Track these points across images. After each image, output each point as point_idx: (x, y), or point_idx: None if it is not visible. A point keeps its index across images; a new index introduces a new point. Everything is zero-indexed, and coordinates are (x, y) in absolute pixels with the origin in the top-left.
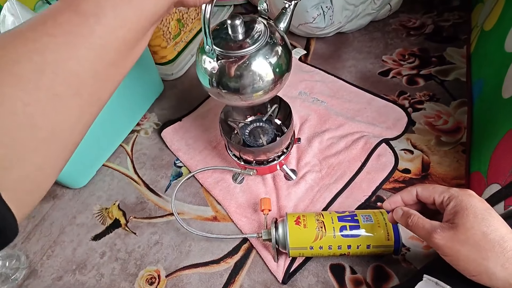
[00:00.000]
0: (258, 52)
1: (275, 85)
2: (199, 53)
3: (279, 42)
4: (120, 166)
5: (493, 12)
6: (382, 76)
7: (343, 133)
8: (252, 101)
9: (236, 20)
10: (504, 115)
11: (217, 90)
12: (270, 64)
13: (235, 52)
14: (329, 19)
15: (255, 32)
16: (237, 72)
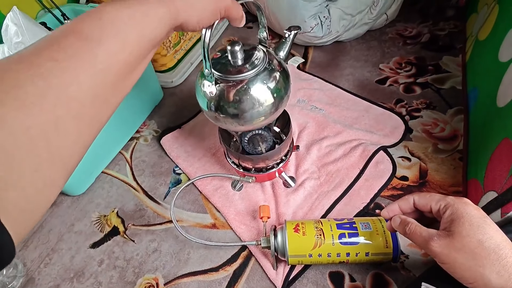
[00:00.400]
0: (257, 77)
1: (272, 111)
2: (200, 77)
3: (278, 69)
4: (119, 173)
5: (487, 23)
6: (379, 84)
7: (341, 141)
8: (250, 126)
9: (235, 46)
10: (499, 124)
11: (215, 114)
12: (269, 89)
13: (234, 77)
14: (326, 28)
15: (254, 58)
16: (236, 97)
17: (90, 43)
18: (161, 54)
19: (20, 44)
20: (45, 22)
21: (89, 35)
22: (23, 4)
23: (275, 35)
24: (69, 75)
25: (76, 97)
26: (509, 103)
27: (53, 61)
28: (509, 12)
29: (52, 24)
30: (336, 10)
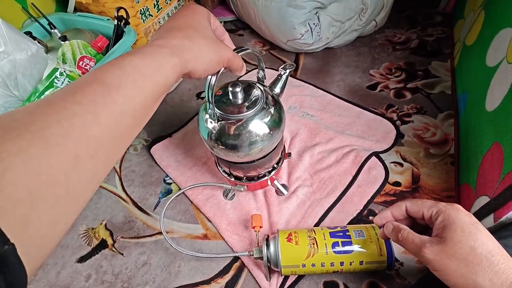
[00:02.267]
0: (255, 115)
1: (269, 144)
2: (203, 110)
3: (274, 106)
4: (108, 184)
5: (474, 28)
6: (370, 89)
7: (334, 147)
8: (247, 158)
9: (236, 88)
10: (489, 128)
11: (215, 145)
12: (266, 125)
13: (235, 116)
14: (316, 35)
15: (252, 97)
16: (236, 132)
17: (110, 90)
18: None
19: (3, 53)
20: (30, 32)
21: (110, 83)
22: (9, 14)
23: (265, 42)
24: (91, 116)
25: (96, 137)
26: (498, 107)
27: (77, 104)
28: (495, 18)
29: (38, 33)
30: (326, 17)
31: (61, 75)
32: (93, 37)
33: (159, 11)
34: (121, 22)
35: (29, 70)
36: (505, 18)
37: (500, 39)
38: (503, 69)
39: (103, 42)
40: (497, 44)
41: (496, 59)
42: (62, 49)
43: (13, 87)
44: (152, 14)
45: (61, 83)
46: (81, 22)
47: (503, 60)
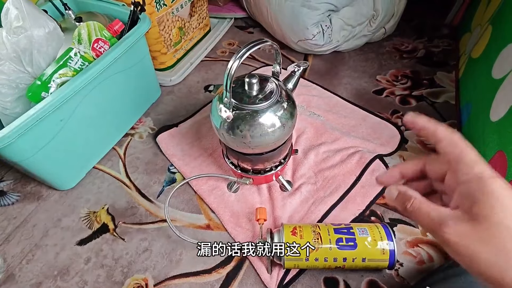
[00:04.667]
0: (269, 108)
1: (280, 137)
2: (217, 100)
3: (287, 100)
4: (112, 169)
5: (480, 42)
6: (376, 94)
7: (339, 147)
8: (257, 149)
9: (253, 79)
10: (492, 137)
11: (227, 134)
12: (279, 119)
13: (250, 106)
14: (328, 37)
15: (267, 91)
16: (249, 123)
17: None
18: (161, 52)
19: (20, 28)
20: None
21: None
22: None
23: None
24: None
25: None
26: (503, 117)
27: None
28: (502, 32)
29: (52, 13)
30: (338, 20)
31: (75, 56)
32: (107, 21)
33: (173, 1)
34: (137, 9)
35: (45, 48)
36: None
37: (507, 53)
38: (510, 82)
39: (119, 26)
40: (503, 58)
41: (502, 71)
42: (78, 30)
43: (27, 63)
44: (166, 3)
45: (74, 63)
46: (95, 5)
47: (509, 73)
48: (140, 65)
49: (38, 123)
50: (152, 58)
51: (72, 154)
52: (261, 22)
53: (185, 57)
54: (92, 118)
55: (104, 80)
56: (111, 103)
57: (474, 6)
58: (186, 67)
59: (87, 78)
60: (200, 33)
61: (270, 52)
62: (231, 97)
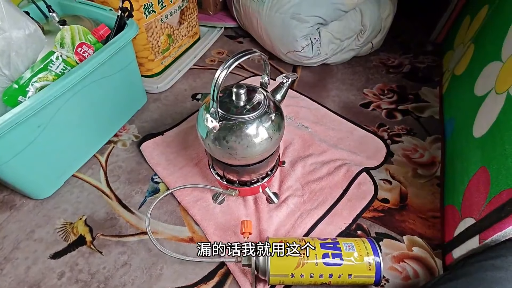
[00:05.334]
0: (257, 119)
1: (268, 148)
2: (203, 110)
3: (275, 112)
4: (92, 177)
5: (463, 59)
6: (363, 107)
7: (326, 159)
8: (244, 161)
9: (240, 90)
10: (475, 153)
11: (213, 145)
12: (266, 130)
13: (237, 117)
14: (316, 50)
15: (255, 101)
16: (236, 134)
17: None
18: (148, 59)
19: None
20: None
21: None
22: None
23: (264, 52)
24: None
25: None
26: (486, 133)
27: None
28: (484, 51)
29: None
30: (327, 34)
31: (57, 59)
32: (93, 25)
33: (162, 8)
34: (124, 14)
35: (24, 50)
36: (494, 52)
37: (489, 71)
38: (492, 99)
39: (105, 31)
40: (485, 76)
41: (484, 89)
42: (61, 33)
43: (4, 65)
44: (155, 10)
45: (55, 67)
46: (81, 9)
47: (491, 91)
48: (126, 71)
49: (14, 128)
50: (139, 64)
51: (49, 161)
52: (251, 32)
53: (173, 65)
54: (73, 124)
55: (87, 85)
56: (94, 109)
57: (457, 25)
58: (173, 75)
59: (69, 83)
60: (189, 41)
61: (259, 62)
62: (218, 107)
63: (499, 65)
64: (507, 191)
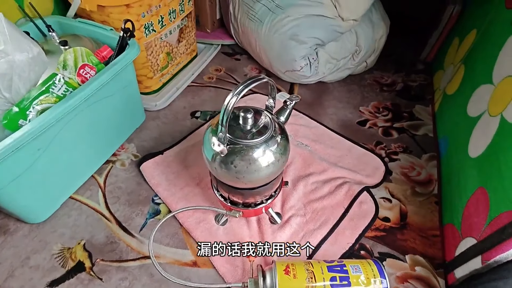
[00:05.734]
0: (264, 143)
1: (274, 172)
2: (210, 132)
3: (281, 135)
4: (90, 199)
5: (454, 80)
6: (360, 125)
7: (327, 178)
8: (251, 184)
9: (248, 114)
10: (472, 173)
11: (219, 168)
12: (273, 155)
13: (245, 141)
14: (314, 69)
15: (262, 125)
16: (244, 159)
17: None
18: (147, 76)
19: (1, 53)
20: (28, 32)
21: None
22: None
23: (262, 69)
24: None
25: None
26: (481, 154)
27: None
28: (475, 73)
29: (34, 34)
30: (324, 54)
31: (59, 82)
32: (93, 44)
33: (162, 27)
34: (126, 34)
35: (27, 73)
36: (485, 74)
37: (481, 93)
38: (485, 121)
39: (108, 52)
40: (478, 97)
41: (477, 110)
42: (64, 55)
43: (4, 88)
44: (155, 29)
45: (57, 89)
46: (80, 28)
47: (484, 113)
48: (126, 90)
49: (13, 153)
50: (138, 82)
51: (47, 184)
52: (248, 50)
53: (171, 82)
54: (72, 144)
55: (87, 106)
56: (93, 129)
57: (446, 46)
58: (172, 92)
59: (71, 105)
60: (187, 58)
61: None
62: (226, 132)
63: (491, 87)
64: (507, 213)
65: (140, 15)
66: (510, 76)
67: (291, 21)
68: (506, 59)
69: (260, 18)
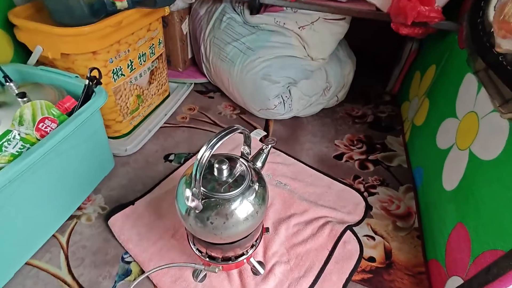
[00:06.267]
0: (241, 195)
1: (254, 223)
2: (184, 184)
3: (258, 183)
4: (50, 264)
5: (420, 112)
6: (337, 159)
7: (309, 218)
8: (230, 239)
9: (223, 165)
10: (450, 207)
11: (194, 224)
12: (251, 205)
13: (220, 195)
14: (288, 106)
15: (237, 173)
16: (220, 213)
17: None
18: (116, 121)
19: None
20: None
21: None
22: None
23: (236, 106)
24: None
25: None
26: (456, 188)
27: None
28: (439, 106)
29: None
30: (297, 91)
31: (14, 139)
32: (56, 93)
33: (132, 71)
34: (92, 82)
35: None
36: (448, 108)
37: (447, 126)
38: (455, 155)
39: (71, 103)
40: (445, 130)
41: (446, 143)
42: (21, 110)
43: None
44: (124, 74)
45: (12, 147)
46: (42, 76)
47: (453, 146)
48: (92, 139)
49: None
50: (106, 126)
51: None
52: (222, 89)
53: (143, 124)
54: (30, 203)
55: (48, 160)
56: (54, 184)
57: (409, 79)
58: (143, 135)
59: (28, 163)
60: (159, 99)
61: (231, 117)
62: (200, 187)
63: (456, 121)
64: (490, 252)
65: (108, 61)
66: (472, 112)
67: (263, 62)
68: (466, 96)
69: (232, 59)
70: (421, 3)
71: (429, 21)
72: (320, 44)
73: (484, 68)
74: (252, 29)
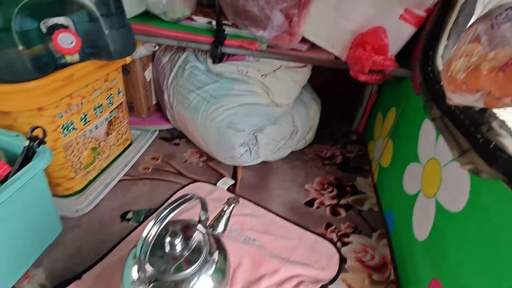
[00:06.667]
0: (198, 272)
1: None
2: (132, 260)
3: (219, 253)
4: None
5: (386, 153)
6: (308, 206)
7: (280, 279)
8: None
9: (176, 238)
10: (424, 260)
11: None
12: (211, 281)
13: (173, 276)
14: (255, 154)
15: (193, 244)
16: None
17: None
18: (67, 178)
19: None
20: None
21: None
22: None
23: (202, 153)
24: None
25: None
26: (428, 238)
27: None
28: (403, 150)
29: None
30: (263, 137)
31: None
32: None
33: (86, 123)
34: (34, 143)
35: None
36: (411, 152)
37: (412, 170)
38: (422, 202)
39: (4, 170)
40: (410, 174)
41: (412, 188)
42: None
43: None
44: (76, 127)
45: None
46: None
47: (420, 192)
48: (33, 205)
49: None
50: (55, 184)
51: None
52: (187, 135)
53: (99, 178)
54: None
55: None
56: None
57: (373, 119)
58: (99, 190)
59: None
60: (118, 149)
61: (197, 164)
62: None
63: (420, 166)
64: None
65: (57, 116)
66: (434, 159)
67: (227, 110)
68: (426, 142)
69: (195, 107)
70: (375, 52)
71: (385, 69)
72: (284, 91)
73: (440, 116)
74: (215, 77)
